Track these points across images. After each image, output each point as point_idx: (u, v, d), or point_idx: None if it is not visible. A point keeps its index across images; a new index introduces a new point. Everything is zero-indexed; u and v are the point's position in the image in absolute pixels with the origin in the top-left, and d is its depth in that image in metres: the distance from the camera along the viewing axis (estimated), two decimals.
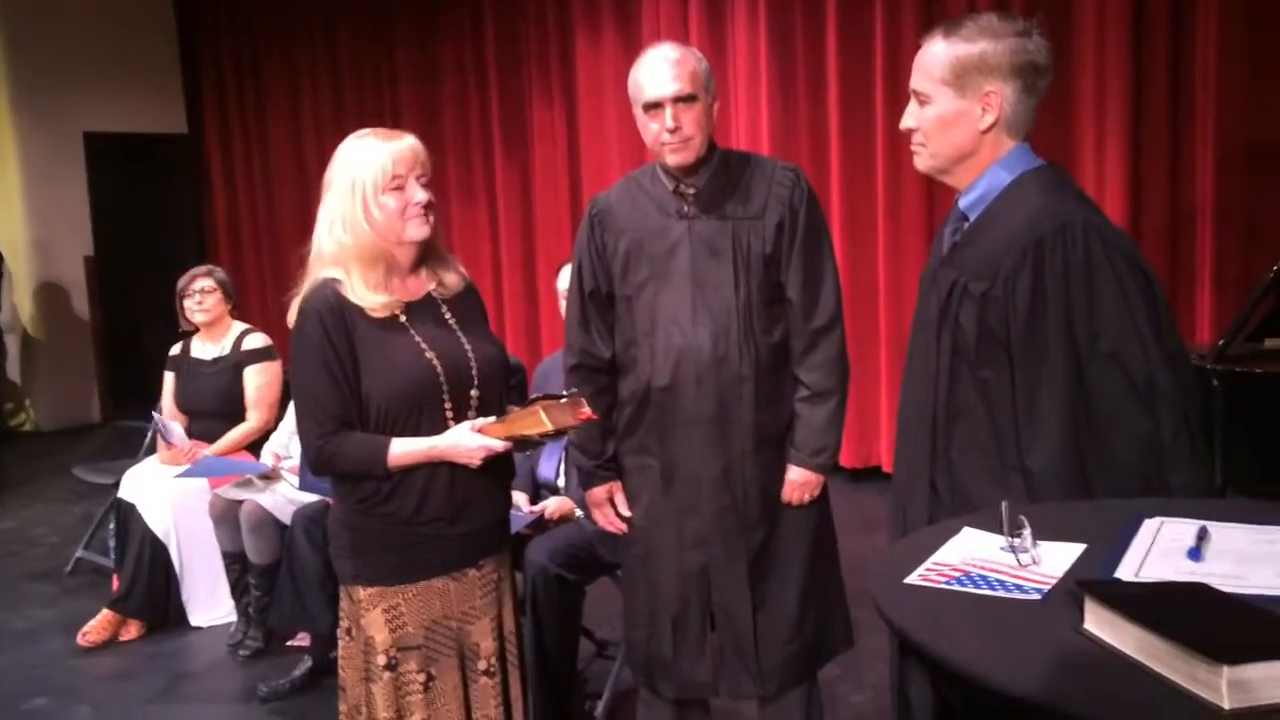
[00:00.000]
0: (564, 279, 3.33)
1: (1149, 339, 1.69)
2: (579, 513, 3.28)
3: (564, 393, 2.19)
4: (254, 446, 4.29)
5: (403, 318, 2.17)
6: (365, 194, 2.11)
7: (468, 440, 2.12)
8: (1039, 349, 1.73)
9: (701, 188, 2.47)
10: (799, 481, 2.50)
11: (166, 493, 4.19)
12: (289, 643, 3.96)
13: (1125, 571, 1.30)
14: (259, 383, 4.34)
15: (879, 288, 5.67)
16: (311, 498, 3.73)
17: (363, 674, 2.18)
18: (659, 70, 2.39)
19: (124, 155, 8.97)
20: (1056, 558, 1.37)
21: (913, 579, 1.33)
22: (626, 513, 2.59)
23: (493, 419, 2.17)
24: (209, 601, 4.26)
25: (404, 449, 2.11)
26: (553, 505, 3.35)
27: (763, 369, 2.46)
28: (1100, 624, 1.12)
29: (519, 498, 3.36)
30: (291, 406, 4.11)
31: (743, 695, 2.60)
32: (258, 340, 4.41)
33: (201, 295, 4.34)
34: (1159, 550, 1.36)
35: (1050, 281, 1.72)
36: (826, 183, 5.73)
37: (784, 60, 5.89)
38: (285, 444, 4.14)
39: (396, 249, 2.17)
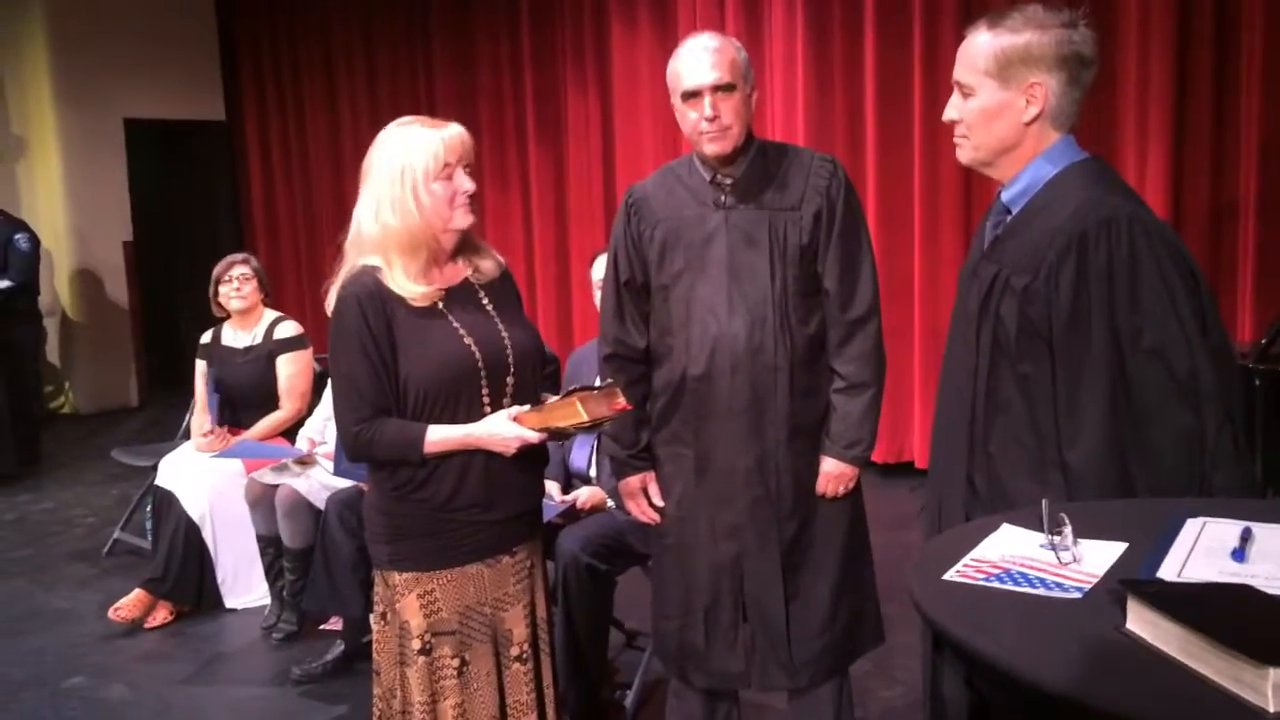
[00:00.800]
0: (599, 269, 3.33)
1: (1193, 335, 1.67)
2: (610, 503, 3.29)
3: (599, 384, 2.20)
4: (288, 434, 4.33)
5: (441, 305, 2.18)
6: (415, 180, 2.11)
7: (504, 429, 2.13)
8: (1082, 343, 1.71)
9: (738, 178, 2.46)
10: (833, 474, 2.49)
11: (203, 477, 4.23)
12: (322, 626, 4.00)
13: (1168, 571, 1.28)
14: (291, 371, 4.36)
15: (914, 281, 5.63)
16: (346, 483, 3.75)
17: (397, 658, 2.20)
18: (699, 59, 2.38)
19: (163, 142, 9.06)
20: (1097, 556, 1.35)
21: (951, 575, 1.32)
22: (660, 503, 2.59)
23: (528, 408, 2.18)
24: (243, 585, 4.30)
25: (440, 436, 2.12)
26: (584, 495, 3.36)
27: (798, 359, 2.45)
28: (1143, 624, 1.11)
29: (551, 487, 3.37)
30: (326, 393, 4.18)
31: (774, 687, 2.60)
32: (290, 329, 4.43)
33: (240, 282, 4.37)
34: (1202, 550, 1.34)
35: (1094, 275, 1.70)
36: (862, 175, 5.70)
37: (821, 51, 5.85)
38: (320, 429, 4.17)
39: (441, 236, 2.18)
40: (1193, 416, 1.66)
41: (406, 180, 2.11)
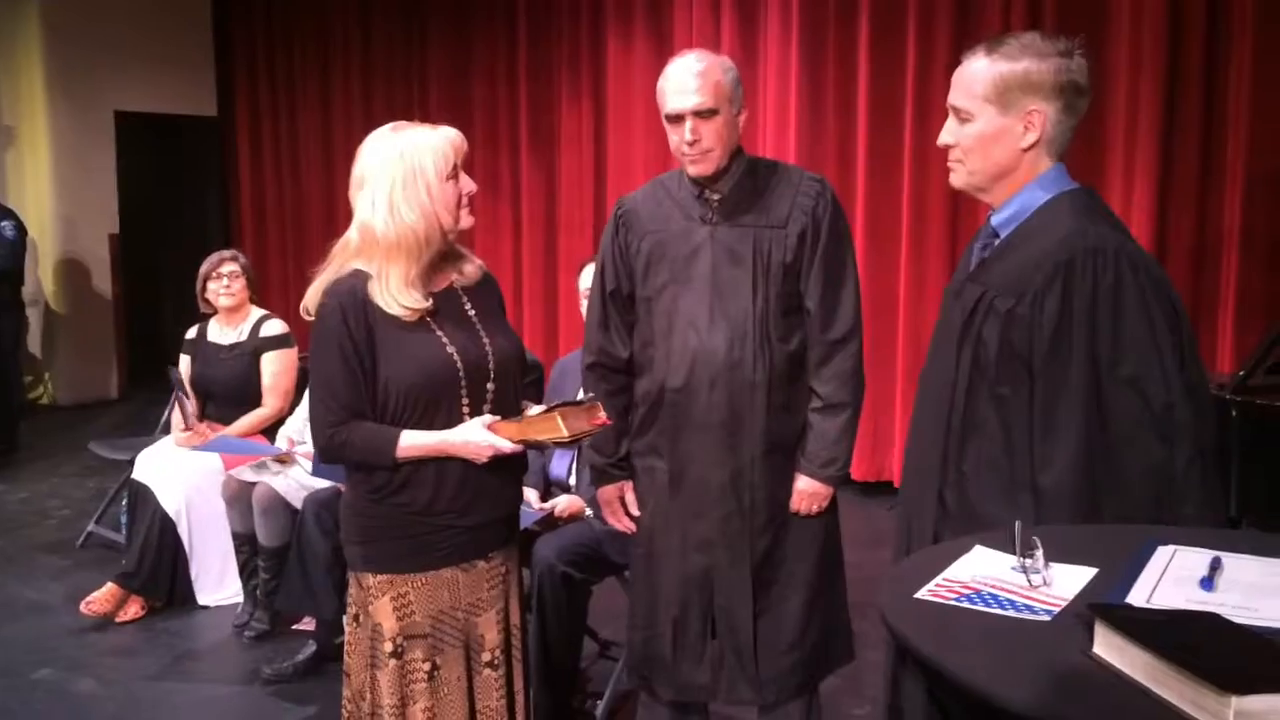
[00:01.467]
0: (585, 279, 3.34)
1: (1171, 368, 1.69)
2: (589, 512, 3.29)
3: (581, 398, 2.21)
4: (269, 432, 4.32)
5: (426, 316, 2.18)
6: (429, 181, 2.12)
7: (477, 437, 2.13)
8: (1061, 369, 1.73)
9: (726, 194, 2.48)
10: (808, 491, 2.50)
11: (180, 472, 4.21)
12: (295, 626, 3.98)
13: (1137, 597, 1.30)
14: (275, 369, 4.36)
15: (899, 303, 5.66)
16: (323, 483, 3.75)
17: (368, 660, 2.20)
18: (682, 82, 2.40)
19: (153, 136, 9.04)
20: (1067, 580, 1.36)
21: (922, 594, 1.33)
22: (636, 513, 2.60)
23: (508, 418, 2.18)
24: (217, 581, 4.28)
25: (413, 441, 2.13)
26: (563, 503, 3.36)
27: (777, 376, 2.46)
28: (1109, 648, 1.12)
29: (530, 494, 3.37)
30: (308, 393, 4.18)
31: (741, 702, 2.60)
32: (275, 327, 4.43)
33: (230, 279, 4.36)
34: (1171, 578, 1.36)
35: (1078, 303, 1.72)
36: (852, 195, 5.73)
37: (815, 71, 5.88)
38: (300, 429, 4.16)
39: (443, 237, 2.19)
40: (1164, 449, 1.68)
41: (420, 181, 2.12)
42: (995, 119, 1.82)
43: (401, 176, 2.11)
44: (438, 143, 2.15)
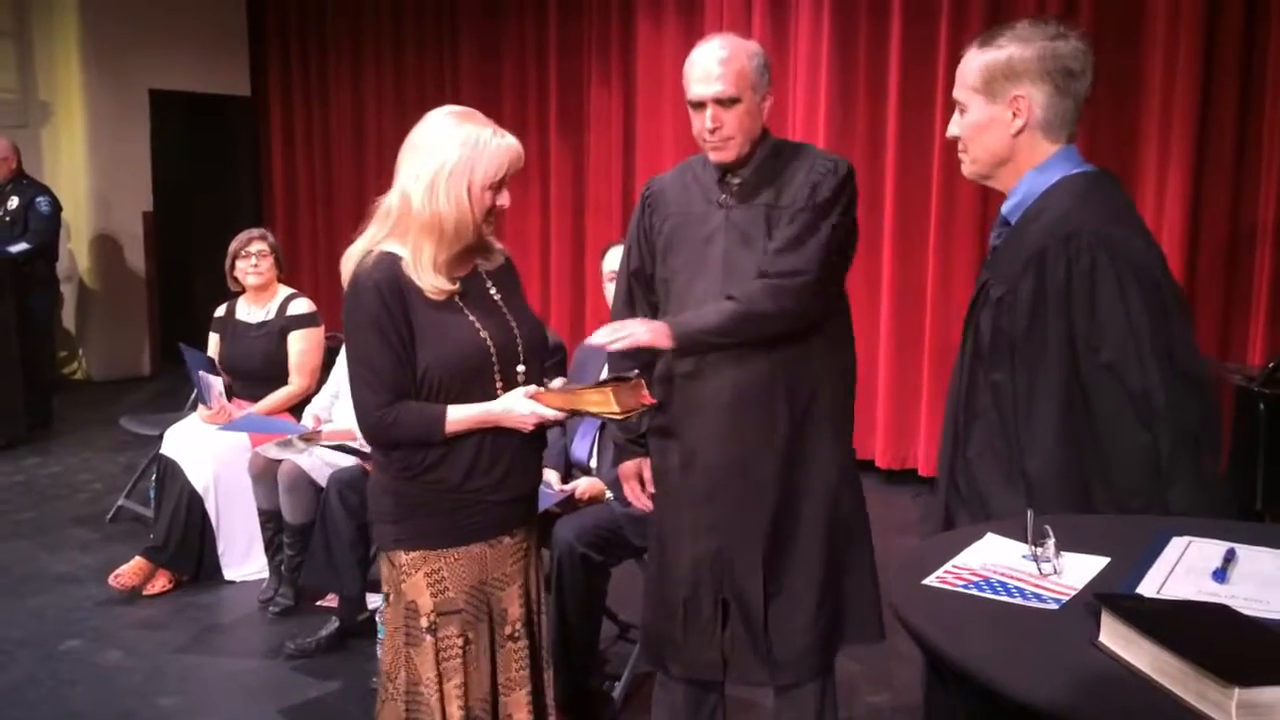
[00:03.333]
0: (609, 260, 3.34)
1: (1147, 353, 1.68)
2: (609, 494, 3.30)
3: (627, 375, 2.22)
4: (295, 410, 4.36)
5: (455, 297, 2.20)
6: (473, 181, 2.13)
7: (522, 407, 2.16)
8: (1037, 357, 1.74)
9: (746, 178, 2.47)
10: (643, 328, 2.35)
11: (208, 448, 4.26)
12: (318, 603, 4.02)
13: (1147, 588, 1.29)
14: (302, 347, 4.40)
15: (926, 292, 5.62)
16: (348, 461, 3.78)
17: (404, 638, 2.22)
18: (705, 69, 2.39)
19: (187, 114, 9.10)
20: (1078, 569, 1.36)
21: (931, 581, 1.33)
22: (653, 490, 2.61)
23: (551, 386, 2.21)
24: (243, 557, 4.33)
25: (459, 415, 2.15)
26: (583, 485, 3.38)
27: (785, 358, 2.45)
28: (1115, 638, 1.12)
29: (550, 475, 3.38)
30: (334, 371, 4.21)
31: (753, 682, 2.60)
32: (303, 306, 4.47)
33: (258, 258, 4.40)
34: (1184, 569, 1.35)
35: (1052, 289, 1.73)
36: (881, 184, 5.69)
37: (846, 57, 5.84)
38: (327, 407, 4.20)
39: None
40: (1147, 435, 1.68)
41: (465, 177, 2.12)
42: (984, 108, 1.85)
43: (453, 164, 2.12)
44: (499, 150, 2.15)
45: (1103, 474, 1.69)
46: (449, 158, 2.12)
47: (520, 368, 2.24)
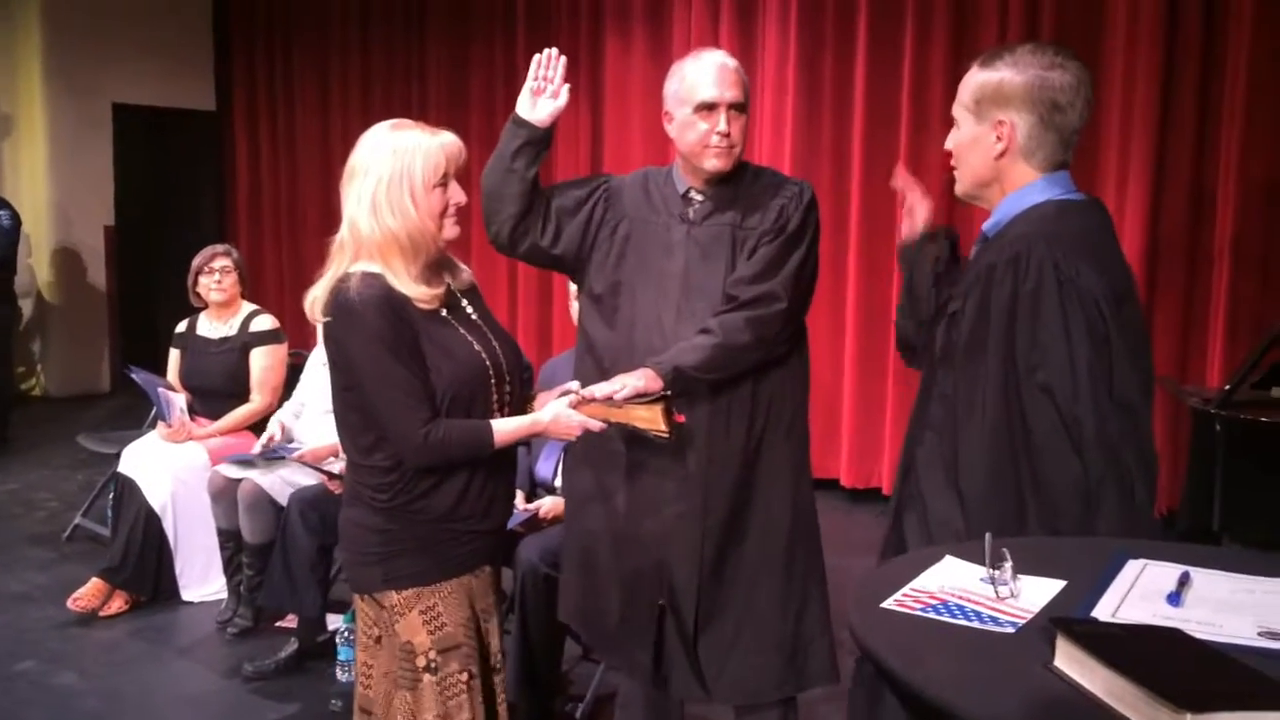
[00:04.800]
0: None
1: (1083, 380, 1.68)
2: None
3: (659, 393, 2.22)
4: (256, 428, 4.31)
5: (444, 312, 2.15)
6: (414, 185, 2.06)
7: (567, 416, 2.14)
8: (975, 373, 1.75)
9: (710, 195, 2.47)
10: (635, 375, 2.30)
11: (166, 467, 4.21)
12: (278, 624, 3.97)
13: (1102, 611, 1.30)
14: (265, 364, 4.36)
15: (891, 308, 5.64)
16: (309, 480, 3.74)
17: (396, 683, 2.12)
18: (722, 74, 2.41)
19: (151, 128, 9.03)
20: (1035, 592, 1.36)
21: (889, 604, 1.33)
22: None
23: (594, 395, 2.19)
24: (201, 577, 4.27)
25: (505, 427, 2.11)
26: (547, 505, 3.36)
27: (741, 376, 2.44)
28: (1070, 662, 1.12)
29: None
30: (299, 389, 4.17)
31: (690, 696, 2.58)
32: (266, 322, 4.43)
33: (221, 274, 4.36)
34: (1139, 592, 1.35)
35: (996, 308, 1.74)
36: (846, 202, 5.73)
37: (812, 76, 5.89)
38: (291, 422, 4.15)
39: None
40: (1077, 460, 1.68)
41: (404, 184, 2.06)
42: (972, 127, 1.87)
43: (389, 176, 2.06)
44: (431, 148, 2.09)
45: (1038, 494, 1.70)
46: (383, 171, 2.06)
47: (507, 384, 2.19)
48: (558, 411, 2.14)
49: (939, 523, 1.81)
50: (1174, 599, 1.32)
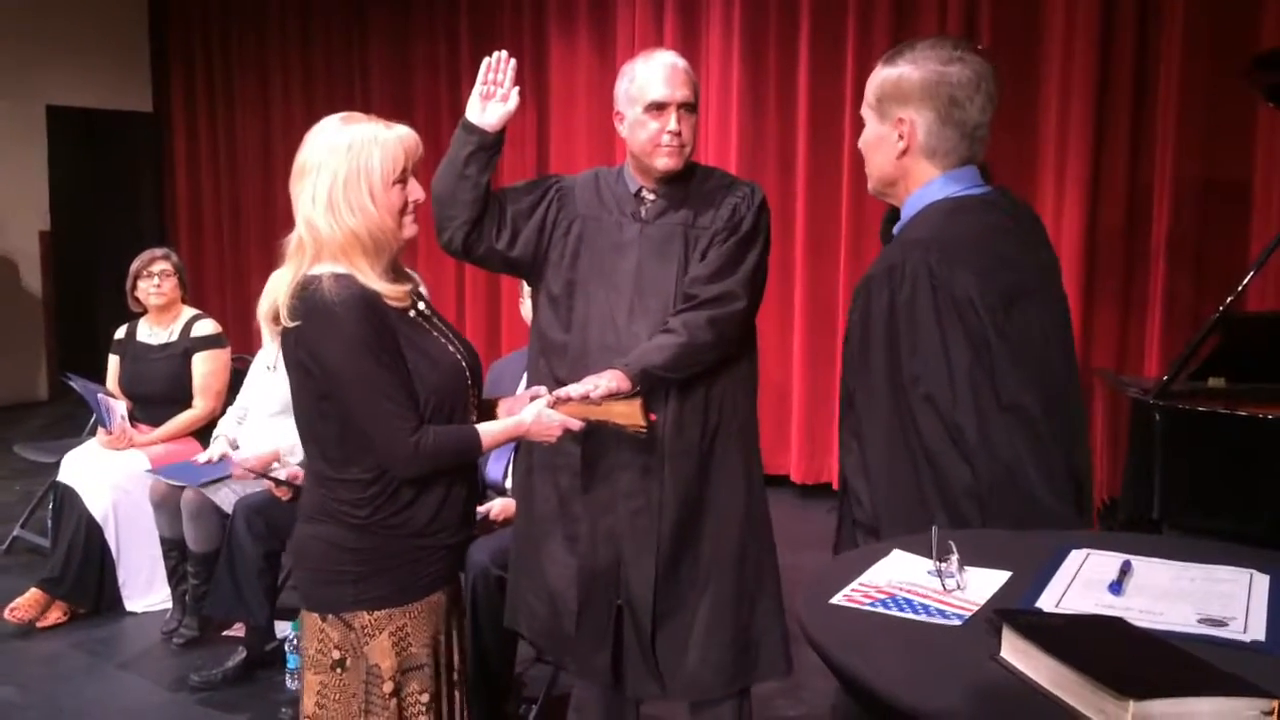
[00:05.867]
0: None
1: (962, 387, 1.66)
2: None
3: (631, 392, 2.24)
4: (201, 434, 4.25)
5: (412, 313, 2.06)
6: (373, 183, 1.96)
7: (548, 416, 2.13)
8: (864, 384, 1.75)
9: (662, 194, 2.48)
10: (604, 376, 2.31)
11: (107, 475, 4.13)
12: (224, 633, 3.92)
13: (1046, 602, 1.32)
14: (207, 369, 4.29)
15: (838, 308, 5.71)
16: (255, 487, 3.69)
17: (362, 707, 2.03)
18: (671, 74, 2.43)
19: (87, 131, 8.84)
20: (981, 584, 1.38)
21: (838, 599, 1.34)
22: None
23: (570, 395, 2.19)
24: (145, 587, 4.20)
25: (491, 430, 2.08)
26: (497, 507, 3.34)
27: (693, 374, 2.45)
28: (1015, 653, 1.14)
29: None
30: (242, 394, 4.11)
31: (647, 695, 2.60)
32: (207, 327, 4.36)
33: (160, 278, 4.29)
34: (1081, 582, 1.38)
35: (876, 319, 1.72)
36: (792, 197, 5.77)
37: (756, 74, 5.93)
38: (234, 428, 4.09)
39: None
40: (966, 467, 1.66)
41: (362, 181, 1.95)
42: (876, 126, 1.86)
43: (345, 173, 1.95)
44: (389, 142, 1.98)
45: (941, 500, 1.67)
46: (339, 168, 1.95)
47: (478, 390, 2.15)
48: (539, 412, 2.13)
49: (860, 523, 1.82)
50: (1116, 588, 1.35)
